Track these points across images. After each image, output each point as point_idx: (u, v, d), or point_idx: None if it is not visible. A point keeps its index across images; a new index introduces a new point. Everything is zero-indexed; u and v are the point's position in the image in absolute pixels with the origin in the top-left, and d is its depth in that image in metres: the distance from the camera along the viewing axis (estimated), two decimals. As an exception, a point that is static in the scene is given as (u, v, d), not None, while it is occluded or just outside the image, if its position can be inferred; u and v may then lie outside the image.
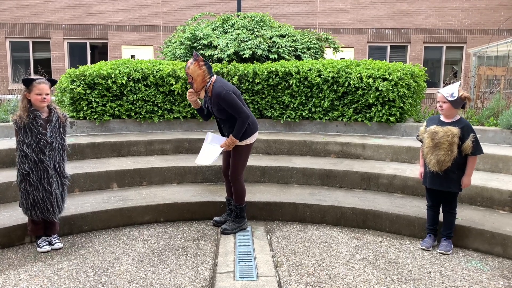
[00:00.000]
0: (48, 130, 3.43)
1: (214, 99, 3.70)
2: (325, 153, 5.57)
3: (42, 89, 3.38)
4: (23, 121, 3.36)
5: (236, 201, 3.95)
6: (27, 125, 3.37)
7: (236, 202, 3.95)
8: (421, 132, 3.69)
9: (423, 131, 3.66)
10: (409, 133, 6.00)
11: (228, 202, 4.12)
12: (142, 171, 4.83)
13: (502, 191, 4.13)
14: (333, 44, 8.23)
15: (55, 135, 3.47)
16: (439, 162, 3.48)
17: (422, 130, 3.68)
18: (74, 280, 3.07)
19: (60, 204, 3.57)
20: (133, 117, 6.13)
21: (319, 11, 14.57)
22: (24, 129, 3.37)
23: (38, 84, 3.38)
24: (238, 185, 3.90)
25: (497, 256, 3.58)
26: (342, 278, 3.17)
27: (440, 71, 14.77)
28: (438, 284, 3.10)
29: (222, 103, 3.66)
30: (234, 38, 7.26)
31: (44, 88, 3.40)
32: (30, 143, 3.37)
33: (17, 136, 3.41)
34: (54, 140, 3.46)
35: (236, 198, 3.94)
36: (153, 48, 14.48)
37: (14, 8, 14.26)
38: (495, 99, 6.48)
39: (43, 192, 3.43)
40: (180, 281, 3.10)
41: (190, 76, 3.70)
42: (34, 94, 3.37)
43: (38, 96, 3.38)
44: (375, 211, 4.11)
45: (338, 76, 6.05)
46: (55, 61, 14.53)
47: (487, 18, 14.29)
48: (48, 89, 3.43)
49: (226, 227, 3.93)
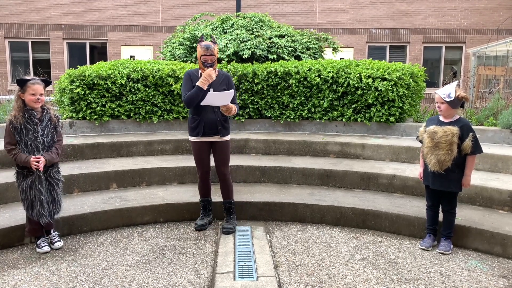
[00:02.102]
0: (40, 129, 3.44)
1: (224, 79, 3.87)
2: (325, 153, 5.57)
3: (36, 90, 3.38)
4: (19, 121, 3.37)
5: (230, 197, 4.01)
6: (23, 124, 3.38)
7: (230, 198, 4.01)
8: (421, 132, 3.70)
9: (422, 131, 3.67)
10: (409, 133, 6.00)
11: (207, 202, 4.12)
12: (141, 172, 4.82)
13: (501, 191, 4.13)
14: (333, 44, 8.23)
15: (47, 134, 3.48)
16: (439, 161, 3.48)
17: (422, 130, 3.69)
18: (74, 281, 3.07)
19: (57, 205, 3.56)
20: (133, 118, 6.12)
21: (319, 11, 14.57)
22: (20, 129, 3.38)
23: (32, 85, 3.38)
24: (230, 180, 3.99)
25: (497, 255, 3.58)
26: (342, 278, 3.17)
27: (439, 71, 14.78)
28: (438, 284, 3.10)
29: (231, 84, 3.88)
30: (233, 38, 7.26)
31: (38, 89, 3.40)
32: (26, 142, 3.39)
33: (10, 135, 3.40)
34: (46, 139, 3.47)
35: (230, 194, 4.01)
36: (153, 48, 14.47)
37: (13, 8, 14.25)
38: (494, 99, 6.48)
39: (36, 192, 3.44)
40: (180, 281, 3.10)
41: (214, 56, 3.77)
42: (28, 94, 3.38)
43: (32, 96, 3.39)
44: (374, 211, 4.11)
45: (338, 76, 6.05)
46: (55, 62, 14.52)
47: (487, 18, 14.30)
48: (42, 90, 3.44)
49: (230, 227, 3.95)
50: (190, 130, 3.88)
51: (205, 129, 3.81)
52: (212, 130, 3.83)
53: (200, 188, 4.06)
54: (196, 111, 3.79)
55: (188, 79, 3.78)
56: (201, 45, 3.75)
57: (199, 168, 3.98)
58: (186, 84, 3.77)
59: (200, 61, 3.76)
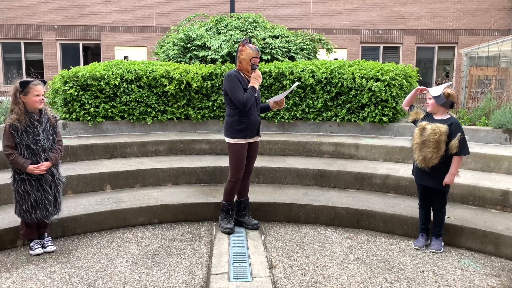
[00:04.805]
0: (40, 131, 3.43)
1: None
2: (319, 153, 5.59)
3: (39, 91, 3.42)
4: (22, 124, 3.37)
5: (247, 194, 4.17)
6: (25, 127, 3.38)
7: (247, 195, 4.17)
8: (412, 114, 3.75)
9: (419, 113, 3.71)
10: (402, 133, 6.04)
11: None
12: (135, 173, 4.81)
13: (493, 190, 4.17)
14: (326, 45, 8.26)
15: (47, 135, 3.49)
16: (425, 159, 3.51)
17: (413, 113, 3.74)
18: (68, 283, 3.05)
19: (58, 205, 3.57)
20: (127, 119, 6.10)
21: (312, 12, 14.61)
22: (21, 132, 3.37)
23: (35, 86, 3.40)
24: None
25: (489, 254, 3.61)
26: (336, 278, 3.18)
27: (432, 71, 14.88)
28: (431, 283, 3.12)
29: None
30: (227, 39, 7.26)
31: (41, 90, 3.45)
32: (28, 145, 3.39)
33: (9, 139, 3.38)
34: (46, 140, 3.47)
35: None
36: (146, 49, 14.43)
37: (5, 9, 14.13)
38: (486, 99, 6.54)
39: (42, 192, 3.45)
40: (175, 282, 3.09)
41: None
42: (32, 96, 3.39)
43: (37, 97, 3.40)
44: (368, 211, 4.13)
45: (331, 76, 6.07)
46: (48, 62, 14.43)
47: (478, 19, 14.42)
48: (43, 90, 3.47)
49: (256, 222, 4.09)
50: (235, 132, 3.79)
51: (252, 131, 3.86)
52: (255, 131, 3.90)
53: (234, 191, 3.97)
54: (246, 113, 3.77)
55: (238, 81, 3.74)
56: (251, 47, 3.76)
57: (239, 170, 3.87)
58: (238, 86, 3.72)
59: (249, 62, 3.76)
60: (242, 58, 3.77)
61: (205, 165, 5.04)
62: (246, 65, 3.76)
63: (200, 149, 5.65)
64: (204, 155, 5.61)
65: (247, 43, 3.79)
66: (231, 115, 3.80)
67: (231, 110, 3.80)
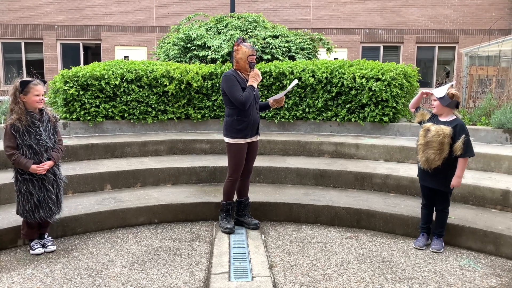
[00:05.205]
0: (42, 131, 3.44)
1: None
2: (319, 153, 5.59)
3: (39, 90, 3.43)
4: (23, 124, 3.37)
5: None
6: (26, 127, 3.38)
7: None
8: (423, 115, 3.70)
9: (425, 115, 3.68)
10: (402, 132, 6.04)
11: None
12: (136, 173, 4.81)
13: (494, 190, 4.17)
14: (327, 44, 8.26)
15: (48, 135, 3.49)
16: (428, 160, 3.51)
17: (426, 115, 3.70)
18: (68, 283, 3.06)
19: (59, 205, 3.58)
20: (127, 118, 6.10)
21: (313, 11, 14.61)
22: (23, 132, 3.38)
23: (35, 86, 3.41)
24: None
25: (490, 254, 3.61)
26: (337, 277, 3.18)
27: (432, 71, 14.88)
28: (432, 282, 3.12)
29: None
30: (227, 39, 7.26)
31: (41, 89, 3.45)
32: (30, 145, 3.39)
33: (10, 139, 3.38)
34: (48, 140, 3.47)
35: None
36: (147, 48, 14.43)
37: (5, 9, 14.14)
38: (486, 98, 6.54)
39: (45, 192, 3.46)
40: (175, 282, 3.09)
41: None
42: (32, 95, 3.39)
43: (36, 97, 3.41)
44: (369, 210, 4.13)
45: (332, 76, 6.07)
46: (48, 62, 14.43)
47: (479, 18, 14.42)
48: (43, 90, 3.48)
49: (256, 222, 4.08)
50: (235, 132, 3.78)
51: (252, 130, 3.84)
52: (255, 130, 3.90)
53: (233, 190, 3.96)
54: (245, 112, 3.76)
55: (235, 81, 3.73)
56: (247, 46, 3.75)
57: (238, 169, 3.87)
58: (236, 85, 3.71)
59: (246, 61, 3.75)
60: (239, 58, 3.77)
61: (205, 164, 5.04)
62: (244, 64, 3.76)
63: (200, 149, 5.65)
64: (204, 154, 5.61)
65: (242, 42, 3.79)
66: (231, 115, 3.80)
67: (230, 110, 3.79)
